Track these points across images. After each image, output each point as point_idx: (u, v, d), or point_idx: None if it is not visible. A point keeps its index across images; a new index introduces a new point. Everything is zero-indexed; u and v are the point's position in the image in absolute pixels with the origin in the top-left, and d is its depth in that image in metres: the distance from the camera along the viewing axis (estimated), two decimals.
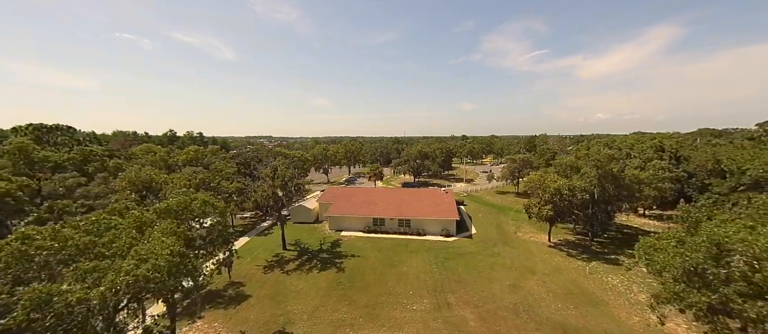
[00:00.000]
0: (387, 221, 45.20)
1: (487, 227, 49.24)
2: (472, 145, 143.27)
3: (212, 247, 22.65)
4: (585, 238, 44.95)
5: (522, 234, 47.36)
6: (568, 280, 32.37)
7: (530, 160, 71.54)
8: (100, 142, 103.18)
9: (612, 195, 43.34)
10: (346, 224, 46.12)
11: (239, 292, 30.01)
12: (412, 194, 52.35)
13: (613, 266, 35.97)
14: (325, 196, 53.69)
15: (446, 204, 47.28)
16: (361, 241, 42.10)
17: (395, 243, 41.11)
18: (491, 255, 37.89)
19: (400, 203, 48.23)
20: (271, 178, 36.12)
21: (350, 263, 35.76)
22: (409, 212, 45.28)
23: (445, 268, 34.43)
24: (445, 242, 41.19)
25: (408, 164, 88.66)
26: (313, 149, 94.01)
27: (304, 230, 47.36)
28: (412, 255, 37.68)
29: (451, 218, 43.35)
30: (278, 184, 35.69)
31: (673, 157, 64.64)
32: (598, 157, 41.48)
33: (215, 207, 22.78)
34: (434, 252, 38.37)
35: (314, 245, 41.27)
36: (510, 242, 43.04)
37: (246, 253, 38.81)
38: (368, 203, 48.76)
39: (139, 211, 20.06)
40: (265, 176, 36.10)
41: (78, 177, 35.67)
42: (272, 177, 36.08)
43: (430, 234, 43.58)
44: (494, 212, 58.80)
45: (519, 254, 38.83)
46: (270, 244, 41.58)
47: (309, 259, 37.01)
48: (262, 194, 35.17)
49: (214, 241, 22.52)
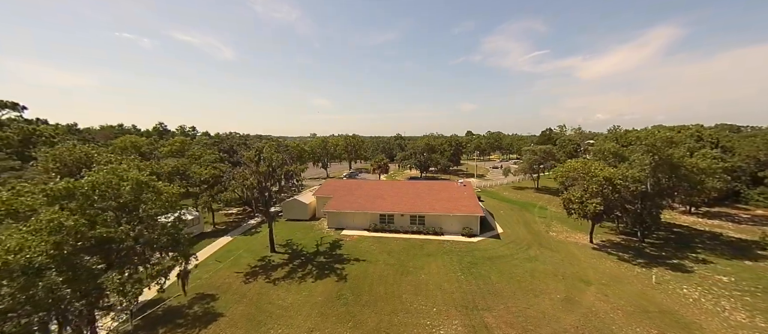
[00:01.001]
0: (397, 218, 38.01)
1: (514, 225, 42.01)
2: (479, 140, 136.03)
3: (154, 252, 15.38)
4: (632, 239, 37.76)
5: (556, 234, 40.15)
6: (635, 293, 25.16)
7: (553, 152, 64.31)
8: (82, 135, 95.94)
9: (666, 187, 36.17)
10: (347, 221, 38.93)
11: (208, 309, 22.78)
12: (425, 186, 45.18)
13: (683, 273, 28.78)
14: (324, 189, 46.50)
15: (466, 198, 40.09)
16: (366, 241, 34.90)
17: (408, 244, 33.91)
18: (528, 259, 30.67)
19: (412, 197, 41.03)
20: (255, 163, 28.92)
21: (354, 269, 28.58)
22: (423, 207, 38.08)
23: (474, 275, 27.23)
24: (468, 243, 33.97)
25: (414, 158, 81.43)
26: (311, 141, 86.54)
27: (299, 228, 40.16)
28: (430, 259, 30.49)
29: (474, 213, 36.15)
30: (264, 170, 28.47)
31: (716, 147, 57.29)
32: (653, 140, 34.25)
33: (159, 193, 15.53)
34: (457, 255, 31.16)
35: (309, 246, 34.06)
36: (546, 243, 35.80)
37: (225, 256, 31.60)
38: (374, 197, 41.57)
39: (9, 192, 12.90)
40: (248, 159, 28.88)
41: (7, 159, 28.69)
42: (256, 162, 28.88)
43: (449, 233, 36.39)
44: (516, 209, 51.57)
45: (561, 258, 31.60)
46: (256, 245, 34.36)
47: (302, 264, 29.82)
48: (243, 182, 27.96)
49: (156, 243, 15.27)
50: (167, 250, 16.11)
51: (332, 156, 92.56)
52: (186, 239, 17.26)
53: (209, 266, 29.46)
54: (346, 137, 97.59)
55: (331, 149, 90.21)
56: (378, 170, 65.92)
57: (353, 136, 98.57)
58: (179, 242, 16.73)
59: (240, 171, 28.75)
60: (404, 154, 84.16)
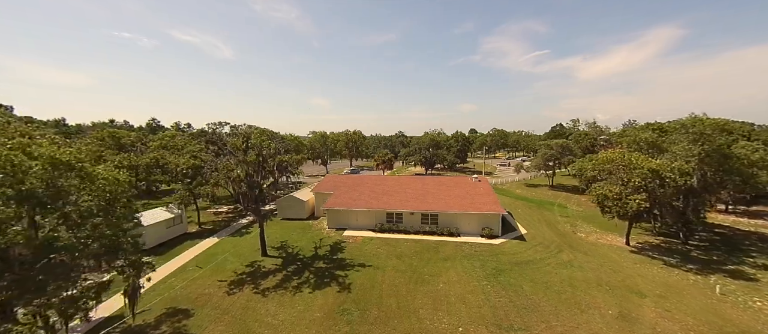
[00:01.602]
0: (406, 217, 33.57)
1: (536, 224, 37.58)
2: (485, 138, 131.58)
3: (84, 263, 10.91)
4: (673, 240, 33.38)
5: (584, 235, 35.77)
6: (700, 307, 20.72)
7: (570, 146, 59.85)
8: (68, 129, 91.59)
9: (713, 182, 31.77)
10: (350, 220, 34.50)
11: (179, 329, 18.33)
12: (435, 182, 40.72)
13: (748, 282, 24.40)
14: (324, 184, 42.05)
15: (484, 195, 35.64)
16: (371, 243, 30.46)
17: (420, 246, 29.48)
18: (561, 265, 26.21)
19: (422, 194, 36.59)
20: (242, 151, 24.46)
21: (359, 276, 24.16)
22: (436, 205, 33.63)
23: (503, 285, 22.79)
24: (489, 246, 29.52)
25: (419, 154, 76.99)
26: (310, 137, 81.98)
27: (295, 228, 35.70)
28: (448, 264, 26.05)
29: (495, 211, 31.70)
30: (252, 160, 24.03)
31: (747, 140, 52.83)
32: (701, 127, 29.84)
33: (91, 179, 11.08)
34: (478, 260, 26.71)
35: (307, 249, 29.63)
36: (577, 246, 31.39)
37: (207, 260, 27.15)
38: (381, 194, 37.12)
39: None
40: (233, 147, 24.44)
41: None
42: (243, 150, 24.43)
43: (466, 234, 31.96)
44: (534, 207, 47.18)
45: (599, 263, 27.16)
46: (245, 247, 29.92)
47: (298, 270, 25.38)
48: (227, 173, 23.52)
49: (83, 250, 10.80)
50: (104, 259, 11.72)
51: (333, 152, 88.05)
52: (134, 244, 12.74)
53: (188, 272, 25.01)
54: (347, 133, 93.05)
55: (331, 145, 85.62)
56: (382, 165, 61.42)
57: (355, 132, 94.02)
58: (121, 249, 12.23)
59: (224, 161, 24.28)
60: (408, 150, 79.69)
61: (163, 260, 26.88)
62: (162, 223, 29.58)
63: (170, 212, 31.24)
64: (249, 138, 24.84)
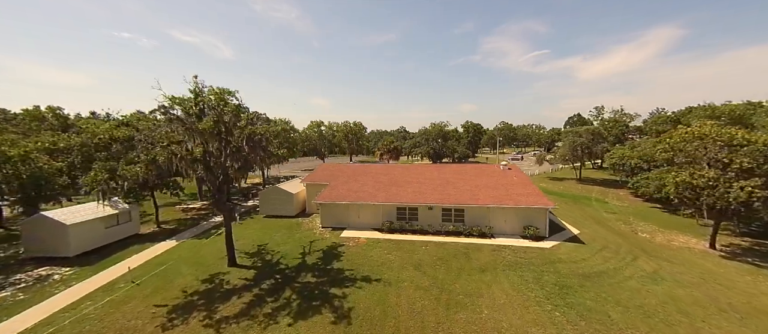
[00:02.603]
0: (422, 213, 26.07)
1: (586, 223, 30.07)
2: (492, 132, 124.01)
3: None
4: (763, 242, 25.90)
5: (648, 235, 28.23)
6: None
7: (601, 132, 52.33)
8: None
9: None
10: (350, 217, 27.03)
11: None
12: (456, 170, 33.20)
13: None
14: (318, 174, 34.48)
15: (520, 184, 28.13)
16: (378, 247, 22.90)
17: (444, 252, 21.93)
18: (648, 278, 18.62)
19: (441, 184, 29.08)
20: (195, 116, 16.88)
21: (362, 297, 16.61)
22: (460, 197, 26.10)
23: (578, 311, 15.22)
24: (538, 251, 21.95)
25: (427, 145, 69.46)
26: (307, 127, 74.16)
27: (280, 228, 28.17)
28: (487, 278, 18.48)
29: (541, 205, 24.16)
30: (208, 127, 16.45)
31: None
32: None
33: None
34: (530, 271, 19.14)
35: (292, 255, 22.06)
36: (651, 250, 23.86)
37: (150, 272, 19.53)
38: (388, 184, 29.61)
39: None
40: (185, 109, 16.80)
41: None
42: (196, 114, 16.85)
43: (502, 234, 24.47)
44: (570, 202, 39.68)
45: (697, 275, 19.59)
46: (208, 254, 22.35)
47: (275, 288, 17.81)
48: (169, 146, 15.96)
49: None
50: None
51: (331, 145, 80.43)
52: None
53: (116, 291, 17.43)
54: (347, 125, 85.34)
55: (329, 136, 77.89)
56: (387, 155, 53.60)
57: (355, 124, 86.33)
58: None
59: (164, 130, 16.65)
60: (414, 140, 72.10)
61: (89, 273, 19.34)
62: (95, 222, 22.00)
63: (113, 206, 23.67)
64: (200, 94, 17.19)
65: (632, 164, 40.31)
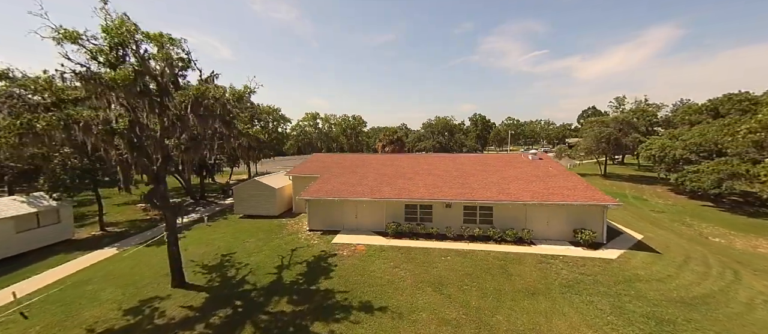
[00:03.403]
0: (437, 211, 20.31)
1: (641, 225, 24.24)
2: (501, 128, 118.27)
3: None
4: None
5: (721, 240, 22.44)
6: None
7: (634, 123, 46.53)
8: None
9: None
10: (345, 217, 21.27)
11: None
12: (476, 160, 27.44)
13: None
14: (307, 165, 28.68)
15: (561, 176, 22.41)
16: (382, 258, 17.07)
17: (471, 264, 16.10)
18: None
19: (459, 176, 23.32)
20: (110, 63, 11.16)
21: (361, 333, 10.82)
22: (487, 191, 20.30)
23: None
24: (601, 263, 16.10)
25: (432, 139, 63.74)
26: (301, 119, 68.18)
27: (258, 231, 22.34)
28: (542, 305, 12.66)
29: (597, 201, 18.39)
30: (125, 79, 10.70)
31: None
32: None
33: None
34: (600, 295, 13.30)
35: (264, 269, 16.24)
36: (744, 261, 18.06)
37: (61, 297, 13.73)
38: (393, 176, 23.84)
39: None
40: (90, 51, 11.15)
41: None
42: (111, 61, 11.13)
43: (544, 239, 18.72)
44: None
45: None
46: (150, 267, 16.53)
47: (232, 322, 11.99)
48: (67, 113, 10.28)
49: None
50: None
51: (330, 139, 74.51)
52: None
53: None
54: (345, 119, 79.48)
55: (325, 129, 71.92)
56: (390, 145, 47.88)
57: (354, 118, 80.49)
58: None
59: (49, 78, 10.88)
60: (418, 134, 66.40)
61: None
62: (3, 222, 16.23)
63: (31, 204, 17.91)
64: (126, 46, 11.49)
65: (676, 156, 34.57)
